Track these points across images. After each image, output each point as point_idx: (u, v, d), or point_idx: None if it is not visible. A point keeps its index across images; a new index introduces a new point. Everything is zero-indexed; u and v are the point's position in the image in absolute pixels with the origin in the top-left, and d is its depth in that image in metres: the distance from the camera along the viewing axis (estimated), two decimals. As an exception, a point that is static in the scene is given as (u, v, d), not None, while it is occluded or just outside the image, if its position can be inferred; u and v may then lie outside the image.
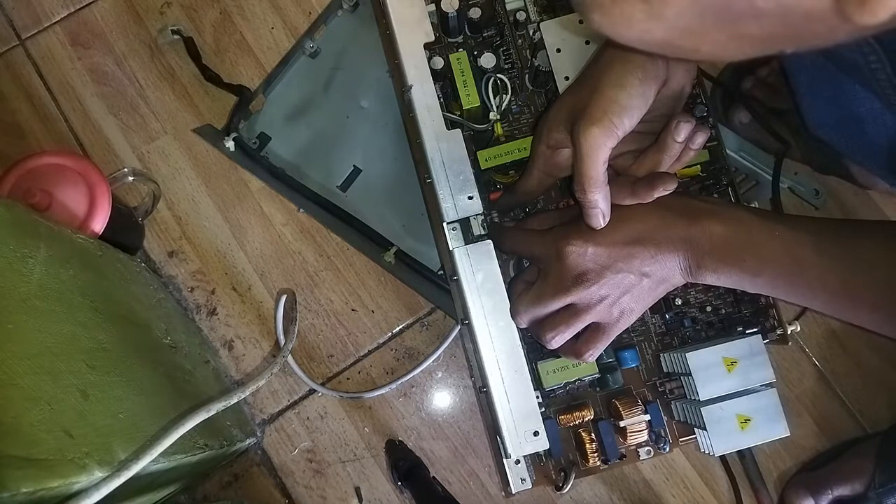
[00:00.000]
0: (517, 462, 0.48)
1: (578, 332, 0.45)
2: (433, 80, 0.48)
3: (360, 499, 0.56)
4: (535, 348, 0.50)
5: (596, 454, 0.50)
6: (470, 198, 0.46)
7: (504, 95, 0.51)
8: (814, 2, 0.20)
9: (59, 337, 0.36)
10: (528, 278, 0.47)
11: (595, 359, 0.46)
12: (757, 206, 0.52)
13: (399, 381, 0.57)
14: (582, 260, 0.43)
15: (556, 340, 0.45)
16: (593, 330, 0.45)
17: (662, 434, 0.51)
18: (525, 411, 0.44)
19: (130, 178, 0.56)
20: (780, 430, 0.47)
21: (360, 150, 0.60)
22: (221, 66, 0.62)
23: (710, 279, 0.43)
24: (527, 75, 0.53)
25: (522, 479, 0.48)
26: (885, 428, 0.54)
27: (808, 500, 0.52)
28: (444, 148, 0.47)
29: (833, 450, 0.56)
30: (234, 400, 0.46)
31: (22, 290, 0.35)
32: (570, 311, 0.44)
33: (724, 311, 0.51)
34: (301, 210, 0.60)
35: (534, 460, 0.50)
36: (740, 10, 0.22)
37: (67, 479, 0.29)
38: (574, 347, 0.45)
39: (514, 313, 0.45)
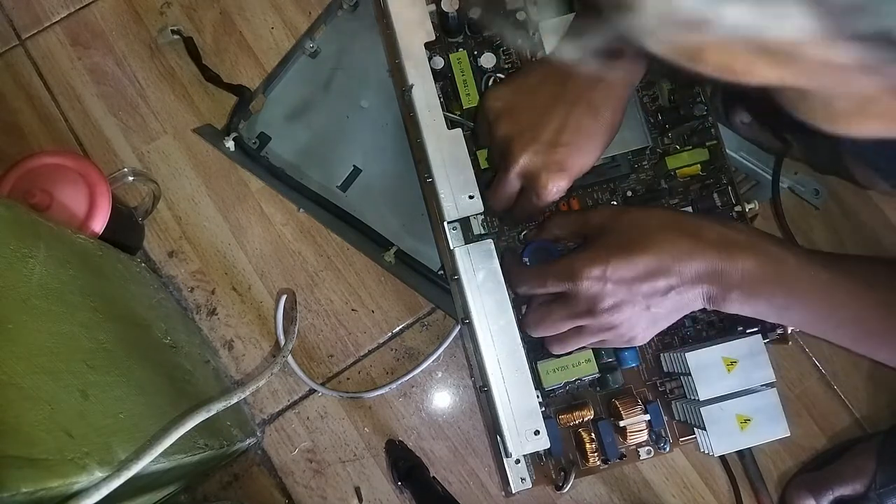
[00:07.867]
0: (517, 461, 0.48)
1: None
2: (433, 79, 0.48)
3: (360, 499, 0.56)
4: (535, 348, 0.50)
5: (596, 454, 0.50)
6: (471, 197, 0.46)
7: (504, 95, 0.51)
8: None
9: (59, 337, 0.36)
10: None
11: None
12: (757, 206, 0.52)
13: (399, 381, 0.57)
14: (599, 292, 0.41)
15: (561, 351, 0.47)
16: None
17: (662, 434, 0.51)
18: (526, 410, 0.44)
19: (130, 178, 0.56)
20: (780, 431, 0.46)
21: (360, 150, 0.60)
22: (221, 66, 0.62)
23: (733, 309, 0.42)
24: (527, 75, 0.53)
25: (522, 479, 0.48)
26: (885, 428, 0.54)
27: (809, 501, 0.52)
28: (444, 147, 0.47)
29: (833, 450, 0.56)
30: (234, 400, 0.46)
31: (22, 290, 0.35)
32: (580, 333, 0.45)
33: (724, 310, 0.51)
34: (301, 210, 0.60)
35: (534, 460, 0.50)
36: None
37: (67, 479, 0.29)
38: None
39: (525, 326, 0.47)
